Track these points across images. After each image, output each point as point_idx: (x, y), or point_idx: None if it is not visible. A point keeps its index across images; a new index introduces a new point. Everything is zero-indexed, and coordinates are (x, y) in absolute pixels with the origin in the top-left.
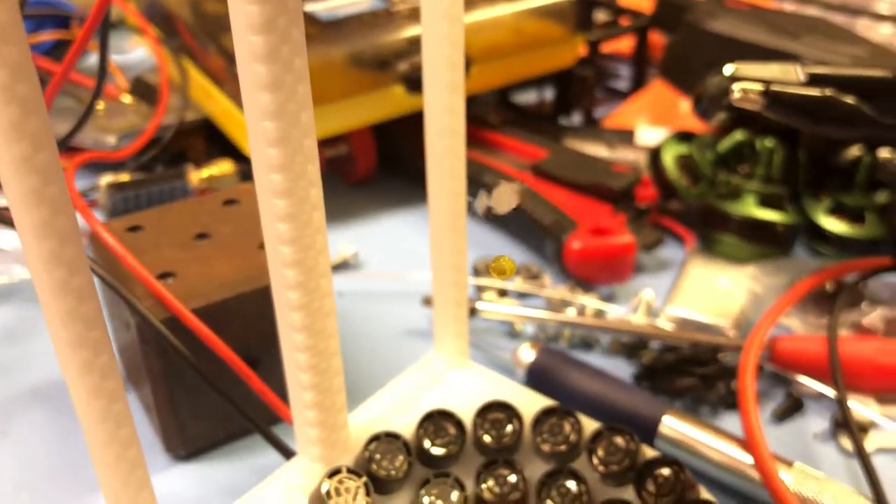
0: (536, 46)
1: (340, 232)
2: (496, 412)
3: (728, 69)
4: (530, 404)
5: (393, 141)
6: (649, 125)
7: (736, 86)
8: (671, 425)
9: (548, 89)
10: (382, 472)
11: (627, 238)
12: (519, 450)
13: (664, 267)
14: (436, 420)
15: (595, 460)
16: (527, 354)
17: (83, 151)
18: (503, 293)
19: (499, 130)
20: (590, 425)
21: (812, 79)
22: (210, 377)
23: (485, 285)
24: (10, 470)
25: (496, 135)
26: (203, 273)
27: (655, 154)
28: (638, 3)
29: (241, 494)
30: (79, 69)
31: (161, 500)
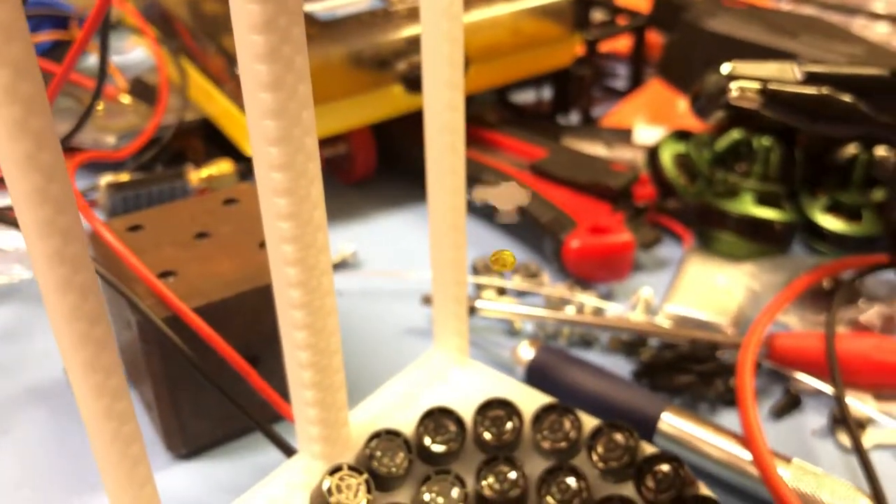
0: (534, 46)
1: (340, 231)
2: (496, 409)
3: (725, 68)
4: (530, 401)
5: (392, 140)
6: (647, 124)
7: (733, 84)
8: (670, 422)
9: (546, 89)
10: (383, 470)
11: (626, 236)
12: (519, 447)
13: (662, 265)
14: (436, 417)
15: (595, 457)
16: (526, 352)
17: (83, 151)
18: (502, 291)
19: (497, 130)
20: (589, 422)
21: (809, 77)
22: (211, 375)
23: (484, 284)
24: (11, 468)
25: (494, 134)
26: (203, 272)
27: (653, 153)
28: (635, 3)
29: (243, 492)
30: (78, 69)
31: (162, 500)
